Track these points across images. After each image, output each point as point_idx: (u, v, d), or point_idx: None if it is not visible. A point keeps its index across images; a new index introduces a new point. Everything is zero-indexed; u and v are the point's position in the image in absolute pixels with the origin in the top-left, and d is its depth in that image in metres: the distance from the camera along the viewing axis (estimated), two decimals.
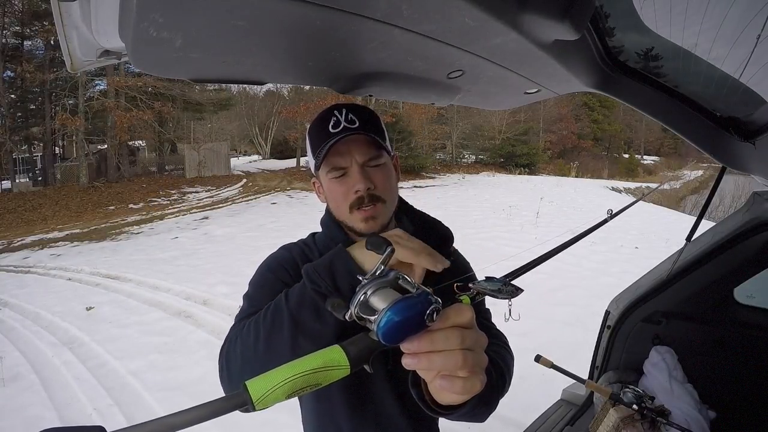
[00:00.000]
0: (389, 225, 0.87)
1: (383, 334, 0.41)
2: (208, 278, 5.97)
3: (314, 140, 0.83)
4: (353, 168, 0.81)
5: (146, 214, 13.14)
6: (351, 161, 0.81)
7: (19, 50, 17.87)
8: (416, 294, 0.43)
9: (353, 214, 0.82)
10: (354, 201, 0.81)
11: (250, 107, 31.68)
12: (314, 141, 0.83)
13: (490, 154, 26.02)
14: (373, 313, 0.43)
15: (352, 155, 0.80)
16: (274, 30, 0.55)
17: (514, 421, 2.60)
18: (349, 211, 0.82)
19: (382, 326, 0.41)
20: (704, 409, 1.54)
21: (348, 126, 0.80)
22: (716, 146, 1.22)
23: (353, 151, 0.80)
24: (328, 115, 0.82)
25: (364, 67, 0.76)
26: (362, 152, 0.81)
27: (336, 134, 0.79)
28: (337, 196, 0.82)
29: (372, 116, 0.84)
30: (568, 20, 0.61)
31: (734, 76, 0.85)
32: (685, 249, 1.67)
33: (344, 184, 0.81)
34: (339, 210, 0.84)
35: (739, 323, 1.65)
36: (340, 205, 0.83)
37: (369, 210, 0.81)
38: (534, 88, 0.99)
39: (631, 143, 40.76)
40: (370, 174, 0.81)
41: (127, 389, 3.36)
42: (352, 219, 0.83)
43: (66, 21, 0.72)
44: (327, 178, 0.83)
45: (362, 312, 0.45)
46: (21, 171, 19.15)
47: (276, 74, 0.78)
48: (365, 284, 0.46)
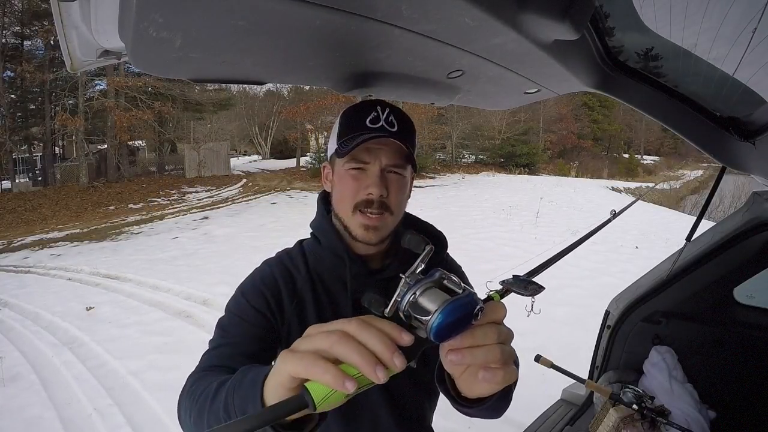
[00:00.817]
0: (387, 239, 0.83)
1: (435, 334, 0.43)
2: (208, 278, 5.97)
3: (346, 127, 0.79)
4: (374, 168, 0.77)
5: (146, 214, 13.14)
6: (375, 160, 0.77)
7: (19, 50, 17.87)
8: (464, 295, 0.45)
9: (355, 216, 0.78)
10: (361, 202, 0.77)
11: (250, 107, 31.67)
12: (345, 127, 0.79)
13: (490, 154, 26.02)
14: (423, 313, 0.44)
15: (378, 155, 0.77)
16: (274, 30, 0.55)
17: (514, 421, 2.60)
18: (351, 211, 0.78)
19: (435, 327, 0.43)
20: (704, 409, 1.54)
21: (386, 127, 0.77)
22: (716, 146, 1.22)
23: (381, 152, 0.77)
24: (369, 108, 0.78)
25: (364, 67, 0.76)
26: (389, 156, 0.77)
27: (372, 130, 0.76)
28: (347, 190, 0.78)
29: (411, 127, 0.82)
30: (568, 20, 0.61)
31: (734, 76, 0.85)
32: (685, 249, 1.67)
33: (359, 181, 0.78)
34: (342, 204, 0.80)
35: (739, 323, 1.65)
36: (346, 200, 0.79)
37: (374, 218, 0.77)
38: (534, 88, 0.99)
39: (631, 143, 40.77)
40: (387, 180, 0.78)
41: (127, 389, 3.36)
42: (352, 220, 0.79)
43: (66, 21, 0.72)
44: (343, 168, 0.78)
45: (413, 311, 0.45)
46: (21, 171, 19.14)
47: (276, 74, 0.78)
48: (413, 285, 0.47)
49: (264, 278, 0.82)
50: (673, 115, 1.16)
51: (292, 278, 0.83)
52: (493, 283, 0.67)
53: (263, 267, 0.85)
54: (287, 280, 0.82)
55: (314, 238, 0.87)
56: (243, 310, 0.79)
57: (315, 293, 0.83)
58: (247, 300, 0.80)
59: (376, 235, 0.79)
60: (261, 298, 0.80)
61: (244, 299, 0.80)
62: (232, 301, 0.82)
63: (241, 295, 0.81)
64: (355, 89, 0.83)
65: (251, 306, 0.79)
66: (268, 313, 0.79)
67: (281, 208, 12.74)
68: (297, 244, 0.90)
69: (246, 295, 0.80)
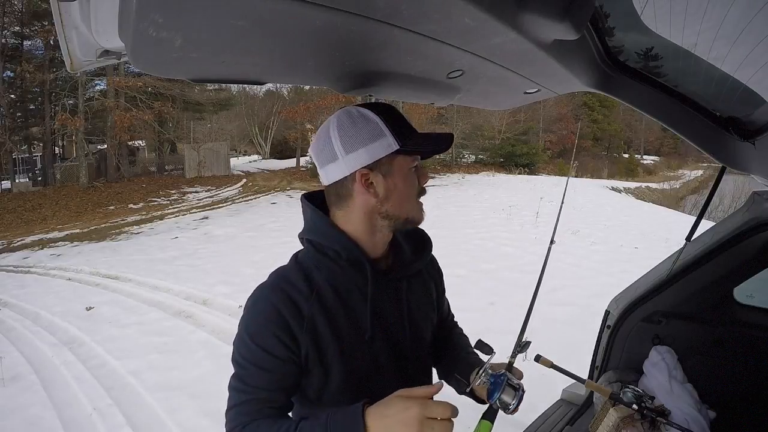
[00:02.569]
0: None
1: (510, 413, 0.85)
2: (208, 278, 5.96)
3: (399, 127, 0.80)
4: (419, 163, 0.85)
5: (146, 214, 13.14)
6: None
7: (18, 50, 17.87)
8: (521, 390, 0.86)
9: (418, 203, 0.85)
10: (421, 191, 0.86)
11: (250, 107, 31.65)
12: (399, 128, 0.79)
13: (489, 154, 26.00)
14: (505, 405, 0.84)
15: None
16: (274, 30, 0.55)
17: (514, 421, 2.60)
18: (416, 200, 0.85)
19: (511, 411, 0.85)
20: (704, 409, 1.54)
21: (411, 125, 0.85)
22: (716, 146, 1.22)
23: None
24: (396, 110, 0.85)
25: (364, 67, 0.76)
26: None
27: (412, 127, 0.83)
28: (413, 188, 0.84)
29: None
30: (568, 20, 0.61)
31: (734, 76, 0.85)
32: (684, 249, 1.67)
33: (416, 176, 0.84)
34: (408, 200, 0.83)
35: (739, 323, 1.65)
36: (412, 196, 0.84)
37: None
38: (534, 87, 0.99)
39: (630, 143, 40.76)
40: None
41: (126, 389, 3.36)
42: (417, 207, 0.85)
43: (66, 21, 0.72)
44: (407, 169, 0.82)
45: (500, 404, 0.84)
46: (21, 171, 19.14)
47: (276, 74, 0.78)
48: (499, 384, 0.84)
49: (269, 317, 0.76)
50: (673, 115, 1.16)
51: (296, 305, 0.77)
52: None
53: (263, 303, 0.78)
54: (292, 309, 0.77)
55: (315, 247, 0.83)
56: (260, 359, 0.76)
57: (324, 308, 0.79)
58: (259, 346, 0.76)
59: None
60: (273, 339, 0.75)
61: (257, 346, 0.76)
62: (243, 349, 0.77)
63: (251, 341, 0.76)
64: (355, 89, 0.83)
65: (267, 353, 0.75)
66: (286, 352, 0.76)
67: (281, 208, 12.73)
68: (292, 261, 0.85)
69: (257, 340, 0.76)
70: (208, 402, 3.02)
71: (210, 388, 3.19)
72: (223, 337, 4.13)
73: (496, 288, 4.96)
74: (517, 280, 5.29)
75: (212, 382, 3.27)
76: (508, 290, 4.96)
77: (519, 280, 5.32)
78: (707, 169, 29.50)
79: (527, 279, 5.38)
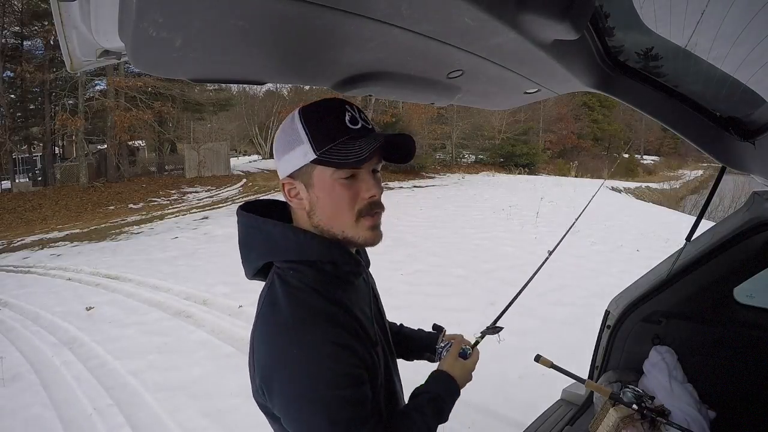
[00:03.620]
0: None
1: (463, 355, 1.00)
2: (208, 278, 5.96)
3: (321, 132, 0.70)
4: (365, 172, 0.73)
5: (146, 214, 13.14)
6: (367, 164, 0.72)
7: (18, 50, 17.86)
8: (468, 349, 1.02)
9: (360, 222, 0.74)
10: (365, 207, 0.73)
11: (250, 107, 31.65)
12: (321, 133, 0.70)
13: (489, 154, 26.02)
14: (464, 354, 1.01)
15: (370, 159, 0.71)
16: (274, 30, 0.55)
17: (514, 421, 2.60)
18: (355, 219, 0.73)
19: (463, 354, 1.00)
20: (704, 409, 1.54)
21: (366, 126, 0.73)
22: (716, 146, 1.22)
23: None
24: (339, 108, 0.73)
25: (365, 67, 0.76)
26: (376, 158, 0.74)
27: (359, 132, 0.71)
28: (343, 201, 0.72)
29: None
30: (568, 20, 0.61)
31: (734, 76, 0.85)
32: (684, 249, 1.67)
33: (353, 188, 0.72)
34: (339, 217, 0.73)
35: (739, 323, 1.65)
36: (344, 212, 0.73)
37: (376, 217, 0.75)
38: (534, 88, 0.99)
39: (630, 143, 40.75)
40: (377, 181, 0.75)
41: (127, 389, 3.36)
42: (357, 228, 0.74)
43: (66, 21, 0.72)
44: (331, 179, 0.71)
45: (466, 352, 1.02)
46: (21, 171, 19.14)
47: (276, 74, 0.78)
48: None
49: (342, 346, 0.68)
50: (673, 115, 1.16)
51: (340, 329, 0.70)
52: None
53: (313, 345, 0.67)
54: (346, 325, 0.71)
55: (301, 265, 0.73)
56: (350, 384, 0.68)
57: (351, 315, 0.74)
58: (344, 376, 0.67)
59: (380, 234, 0.77)
60: (352, 361, 0.69)
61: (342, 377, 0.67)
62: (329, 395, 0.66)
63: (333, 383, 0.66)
64: (355, 89, 0.83)
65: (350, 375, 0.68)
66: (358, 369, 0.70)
67: None
68: (290, 302, 0.70)
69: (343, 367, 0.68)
70: (208, 402, 3.02)
71: (210, 388, 3.19)
72: (223, 337, 4.13)
73: (496, 288, 4.96)
74: (517, 280, 5.27)
75: (212, 382, 3.27)
76: (508, 290, 4.95)
77: (519, 280, 5.31)
78: (707, 169, 29.50)
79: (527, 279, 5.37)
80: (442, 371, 0.92)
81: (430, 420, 0.81)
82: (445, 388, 0.89)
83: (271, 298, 0.72)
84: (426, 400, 0.84)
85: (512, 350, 3.26)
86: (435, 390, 0.87)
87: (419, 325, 1.14)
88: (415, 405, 0.84)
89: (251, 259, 0.78)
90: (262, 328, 0.71)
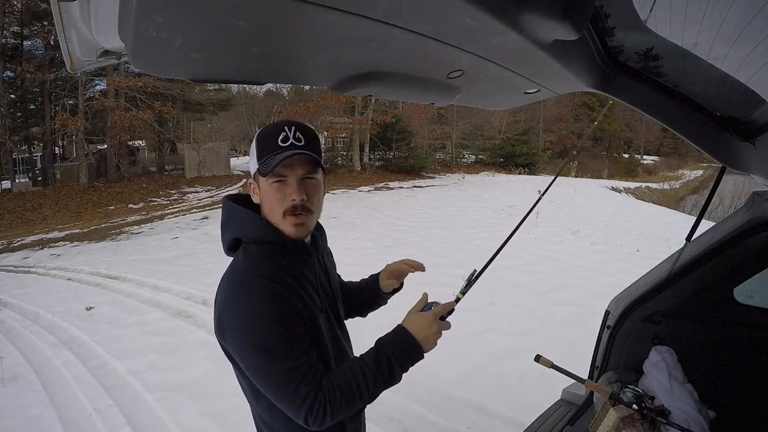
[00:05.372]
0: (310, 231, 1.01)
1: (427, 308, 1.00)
2: (208, 278, 5.96)
3: (262, 149, 0.92)
4: (292, 179, 0.92)
5: (146, 214, 13.14)
6: (292, 173, 0.91)
7: (18, 50, 17.86)
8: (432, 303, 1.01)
9: (285, 219, 0.93)
10: (288, 208, 0.92)
11: (250, 107, 31.61)
12: (262, 149, 0.92)
13: (489, 154, 26.02)
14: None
15: (294, 168, 0.91)
16: (274, 30, 0.55)
17: (514, 421, 2.60)
18: (282, 216, 0.93)
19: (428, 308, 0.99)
20: (704, 409, 1.54)
21: (295, 143, 0.91)
22: (716, 146, 1.22)
23: (295, 165, 0.91)
24: (277, 130, 0.92)
25: (365, 67, 0.76)
26: (303, 166, 0.92)
27: (284, 148, 0.90)
28: (273, 201, 0.92)
29: (315, 137, 0.96)
30: (568, 20, 0.61)
31: (734, 76, 0.85)
32: (685, 249, 1.67)
33: (281, 192, 0.92)
34: (272, 213, 0.94)
35: (739, 323, 1.65)
36: (275, 209, 0.93)
37: (300, 217, 0.93)
38: (534, 88, 0.99)
39: (630, 143, 40.77)
40: (306, 186, 0.93)
41: (127, 389, 3.36)
42: (283, 223, 0.93)
43: (66, 21, 0.72)
44: (267, 183, 0.92)
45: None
46: (21, 171, 19.15)
47: (276, 74, 0.78)
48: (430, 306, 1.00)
49: (268, 300, 0.87)
50: (673, 115, 1.16)
51: (277, 291, 0.88)
52: None
53: (257, 294, 0.87)
54: (279, 293, 0.88)
55: (261, 243, 0.95)
56: (287, 328, 0.87)
57: (293, 288, 0.93)
58: (281, 316, 0.87)
59: (304, 230, 0.95)
60: (285, 308, 0.88)
61: (278, 317, 0.86)
62: (265, 332, 0.85)
63: (270, 321, 0.86)
64: (355, 89, 0.83)
65: (288, 319, 0.87)
66: (295, 315, 0.89)
67: None
68: (248, 260, 0.94)
69: (273, 317, 0.86)
70: (208, 402, 3.02)
71: (210, 388, 3.19)
72: None
73: (496, 288, 4.96)
74: (517, 280, 5.29)
75: (212, 382, 3.27)
76: (508, 290, 4.96)
77: (519, 280, 5.32)
78: (707, 169, 29.51)
79: (527, 279, 5.37)
80: (398, 325, 0.97)
81: (369, 367, 0.89)
82: (389, 339, 0.94)
83: (234, 261, 0.97)
84: (371, 349, 0.93)
85: (512, 350, 3.27)
86: (381, 341, 0.94)
87: None
88: (361, 355, 0.93)
89: (226, 236, 1.00)
90: (222, 280, 0.93)
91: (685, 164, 35.07)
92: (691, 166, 33.62)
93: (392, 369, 0.90)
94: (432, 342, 0.95)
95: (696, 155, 31.09)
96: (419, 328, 0.94)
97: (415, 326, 0.94)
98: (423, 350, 0.94)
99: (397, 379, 0.92)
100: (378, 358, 0.90)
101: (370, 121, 19.65)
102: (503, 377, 3.09)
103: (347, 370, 0.89)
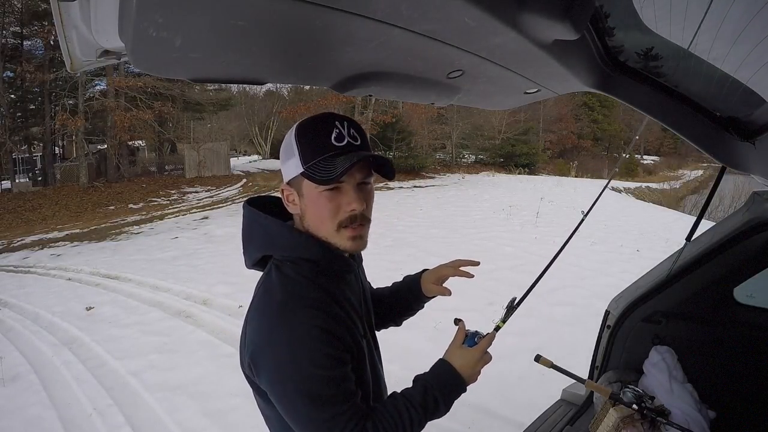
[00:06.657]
0: None
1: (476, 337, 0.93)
2: (208, 278, 5.96)
3: (309, 149, 0.77)
4: (348, 185, 0.78)
5: (146, 214, 13.14)
6: (350, 178, 0.77)
7: (18, 50, 17.85)
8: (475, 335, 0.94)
9: (340, 232, 0.80)
10: (345, 219, 0.79)
11: (250, 107, 31.65)
12: (309, 149, 0.77)
13: (490, 154, 26.02)
14: None
15: (352, 173, 0.77)
16: (274, 30, 0.55)
17: (514, 421, 2.60)
18: (336, 229, 0.79)
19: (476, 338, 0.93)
20: (704, 409, 1.54)
21: (352, 142, 0.78)
22: (716, 146, 1.22)
23: (354, 170, 0.76)
24: (327, 125, 0.77)
25: (365, 67, 0.76)
26: (361, 172, 0.79)
27: (341, 149, 0.76)
28: (325, 212, 0.78)
29: (365, 134, 0.83)
30: (568, 20, 0.61)
31: (734, 76, 0.85)
32: (685, 249, 1.67)
33: (335, 200, 0.78)
34: (322, 225, 0.80)
35: (739, 323, 1.65)
36: (326, 222, 0.79)
37: (359, 229, 0.80)
38: (534, 88, 0.99)
39: (631, 143, 40.70)
40: (363, 192, 0.80)
41: (127, 389, 3.36)
42: (338, 237, 0.80)
43: (66, 21, 0.72)
44: (316, 191, 0.77)
45: None
46: (21, 171, 19.14)
47: (276, 74, 0.78)
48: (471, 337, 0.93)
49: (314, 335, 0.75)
50: (673, 115, 1.16)
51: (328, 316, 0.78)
52: None
53: (301, 326, 0.74)
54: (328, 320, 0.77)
55: (300, 262, 0.81)
56: (332, 367, 0.75)
57: (342, 308, 0.82)
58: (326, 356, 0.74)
59: (362, 243, 0.83)
60: (331, 346, 0.76)
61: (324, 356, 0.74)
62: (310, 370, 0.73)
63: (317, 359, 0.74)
64: (355, 89, 0.83)
65: (332, 357, 0.75)
66: (341, 352, 0.78)
67: None
68: (283, 290, 0.78)
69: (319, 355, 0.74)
70: (208, 402, 3.02)
71: (210, 388, 3.19)
72: (223, 337, 4.13)
73: (496, 288, 4.96)
74: (517, 281, 5.29)
75: (212, 382, 3.27)
76: (508, 290, 4.95)
77: (519, 280, 5.32)
78: (707, 169, 29.50)
79: (527, 279, 5.35)
80: (441, 360, 0.89)
81: (416, 408, 0.80)
82: (435, 377, 0.85)
83: (267, 284, 0.81)
84: (416, 387, 0.84)
85: (512, 350, 3.26)
86: (426, 378, 0.86)
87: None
88: (404, 391, 0.84)
89: (250, 251, 0.86)
90: (255, 309, 0.80)
91: (685, 164, 35.06)
92: (691, 166, 33.61)
93: (438, 408, 0.83)
94: (476, 377, 0.88)
95: (696, 155, 31.09)
96: (466, 366, 0.86)
97: (461, 363, 0.86)
98: (467, 386, 0.87)
99: (442, 416, 0.85)
100: (425, 401, 0.81)
101: (370, 120, 19.64)
102: (503, 377, 3.09)
103: (393, 412, 0.79)
